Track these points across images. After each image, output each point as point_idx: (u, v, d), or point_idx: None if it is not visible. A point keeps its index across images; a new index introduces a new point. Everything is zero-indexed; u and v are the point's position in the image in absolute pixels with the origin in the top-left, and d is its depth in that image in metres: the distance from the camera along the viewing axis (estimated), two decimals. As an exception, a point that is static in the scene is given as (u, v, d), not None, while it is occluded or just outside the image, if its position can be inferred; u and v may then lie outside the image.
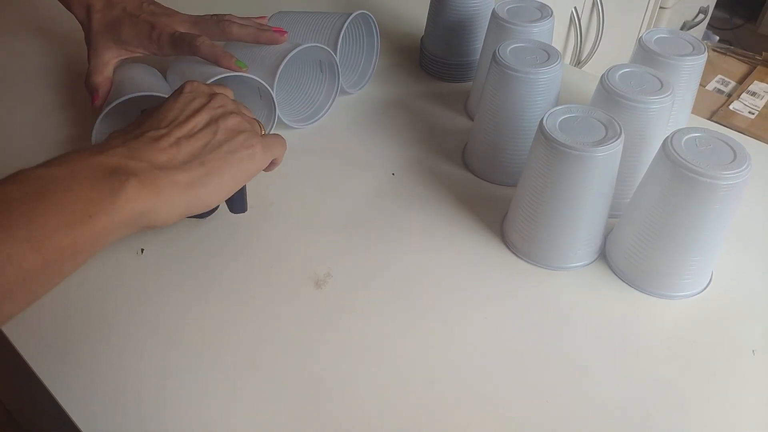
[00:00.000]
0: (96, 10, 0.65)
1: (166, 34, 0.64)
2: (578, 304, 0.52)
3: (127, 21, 0.64)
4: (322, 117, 0.71)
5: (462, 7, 0.72)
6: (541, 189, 0.51)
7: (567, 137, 0.48)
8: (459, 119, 0.72)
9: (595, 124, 0.50)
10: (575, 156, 0.48)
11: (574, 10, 1.22)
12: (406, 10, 0.93)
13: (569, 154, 0.48)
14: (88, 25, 0.66)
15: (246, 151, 0.48)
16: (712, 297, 0.53)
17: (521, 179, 0.54)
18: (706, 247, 0.50)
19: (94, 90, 0.64)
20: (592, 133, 0.49)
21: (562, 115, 0.51)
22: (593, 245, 0.54)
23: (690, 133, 0.48)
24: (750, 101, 1.64)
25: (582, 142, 0.48)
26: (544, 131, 0.49)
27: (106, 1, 0.65)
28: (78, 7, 0.66)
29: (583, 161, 0.48)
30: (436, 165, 0.65)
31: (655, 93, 0.53)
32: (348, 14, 0.69)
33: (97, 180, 0.39)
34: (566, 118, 0.51)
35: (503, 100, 0.58)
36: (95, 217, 0.38)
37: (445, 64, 0.77)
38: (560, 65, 0.57)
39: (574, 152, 0.48)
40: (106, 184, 0.39)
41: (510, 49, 0.59)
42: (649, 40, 0.61)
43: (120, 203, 0.39)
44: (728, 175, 0.45)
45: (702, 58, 0.60)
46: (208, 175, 0.45)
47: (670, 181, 0.47)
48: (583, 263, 0.55)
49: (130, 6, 0.65)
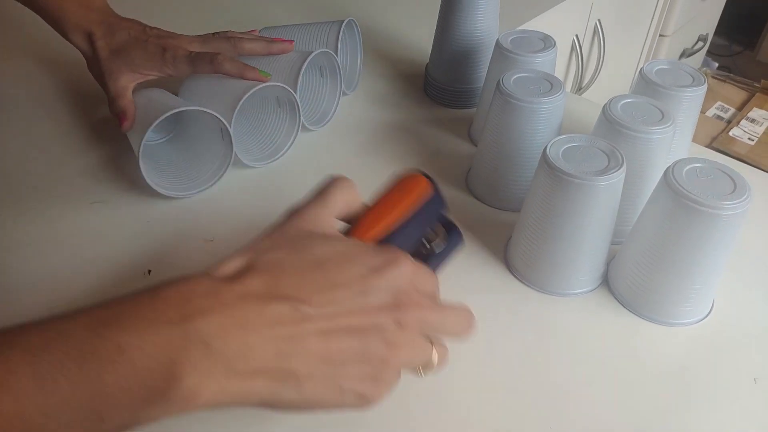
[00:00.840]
0: (98, 37, 0.65)
1: (182, 54, 0.64)
2: (580, 331, 0.53)
3: (135, 45, 0.65)
4: (283, 155, 0.69)
5: (467, 37, 0.73)
6: (543, 216, 0.52)
7: (570, 166, 0.49)
8: (462, 145, 0.73)
9: (597, 154, 0.51)
10: (578, 185, 0.49)
11: (576, 38, 1.23)
12: (411, 36, 0.94)
13: (572, 182, 0.49)
14: (93, 54, 0.66)
15: (371, 389, 0.36)
16: (714, 324, 0.54)
17: (524, 206, 0.55)
18: (707, 275, 0.50)
19: (122, 113, 0.64)
20: (595, 163, 0.50)
21: (565, 144, 0.52)
22: (595, 272, 0.55)
23: (691, 164, 0.49)
24: (749, 128, 1.66)
25: (585, 171, 0.49)
26: (548, 160, 0.50)
27: (107, 28, 0.65)
28: (77, 35, 0.66)
29: (586, 190, 0.49)
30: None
31: (656, 123, 0.54)
32: (309, 53, 0.68)
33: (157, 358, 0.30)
34: (569, 147, 0.52)
35: (506, 128, 0.59)
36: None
37: (449, 91, 0.78)
38: (563, 95, 0.59)
39: (577, 181, 0.49)
40: (162, 372, 0.30)
41: (513, 78, 0.60)
42: (650, 71, 0.63)
43: (172, 401, 0.31)
44: (729, 206, 0.46)
45: (702, 89, 0.61)
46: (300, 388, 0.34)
47: (671, 211, 0.48)
48: (585, 290, 0.55)
49: (133, 31, 0.66)
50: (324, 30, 0.74)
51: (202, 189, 0.64)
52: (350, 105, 0.78)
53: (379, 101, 0.79)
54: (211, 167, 0.65)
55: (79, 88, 0.80)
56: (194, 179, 0.65)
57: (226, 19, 0.98)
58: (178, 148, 0.69)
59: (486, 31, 0.74)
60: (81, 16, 0.66)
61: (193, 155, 0.68)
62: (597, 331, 0.53)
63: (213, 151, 0.65)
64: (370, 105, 0.79)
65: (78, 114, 0.75)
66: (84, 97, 0.78)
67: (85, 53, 0.66)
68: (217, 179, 0.65)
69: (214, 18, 0.98)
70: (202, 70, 0.65)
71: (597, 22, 1.29)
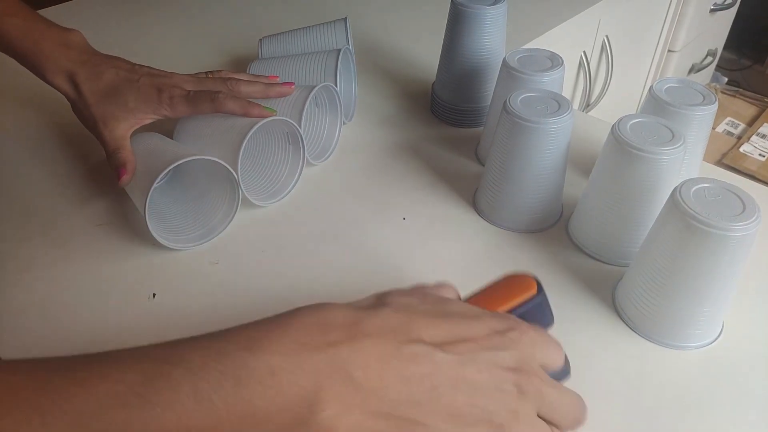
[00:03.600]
0: (83, 79, 0.60)
1: (179, 94, 0.61)
2: (588, 354, 0.52)
3: (127, 87, 0.60)
4: (289, 192, 0.67)
5: (473, 56, 0.73)
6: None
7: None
8: (469, 164, 0.73)
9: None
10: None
11: (583, 54, 1.23)
12: (418, 56, 0.94)
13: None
14: (78, 98, 0.61)
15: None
16: (724, 347, 0.53)
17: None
18: (717, 298, 0.50)
19: (122, 166, 0.59)
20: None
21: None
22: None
23: (699, 184, 0.49)
24: (760, 143, 1.65)
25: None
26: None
27: (91, 69, 0.61)
28: (58, 78, 0.61)
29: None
30: (446, 209, 0.66)
31: (666, 144, 0.54)
32: (311, 87, 0.67)
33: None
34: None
35: (514, 148, 0.59)
36: None
37: (455, 110, 0.78)
38: (571, 115, 0.58)
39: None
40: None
41: (521, 98, 0.59)
42: (660, 90, 0.62)
43: (311, 430, 0.31)
44: (738, 227, 0.45)
45: (713, 107, 0.61)
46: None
47: (679, 232, 0.47)
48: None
49: (121, 71, 0.61)
50: (320, 60, 0.72)
51: (212, 237, 0.62)
52: (356, 126, 0.79)
53: (386, 122, 0.79)
54: (218, 212, 0.62)
55: (67, 132, 0.77)
56: (203, 226, 0.62)
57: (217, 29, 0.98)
58: (179, 192, 0.66)
59: (492, 49, 0.74)
60: (60, 55, 0.61)
61: (197, 199, 0.64)
62: (605, 354, 0.52)
63: (218, 193, 0.63)
64: (376, 126, 0.79)
65: (70, 158, 0.74)
66: (73, 139, 0.77)
67: (69, 96, 0.62)
68: (227, 224, 0.62)
69: (206, 34, 0.99)
70: (203, 110, 0.61)
71: (605, 38, 1.28)
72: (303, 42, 0.79)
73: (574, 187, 0.69)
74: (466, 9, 0.71)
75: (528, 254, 0.60)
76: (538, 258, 0.60)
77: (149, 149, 0.61)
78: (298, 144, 0.67)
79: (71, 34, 0.63)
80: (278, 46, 0.80)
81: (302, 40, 0.79)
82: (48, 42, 0.61)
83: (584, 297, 0.56)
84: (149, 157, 0.60)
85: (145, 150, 0.61)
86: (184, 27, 1.03)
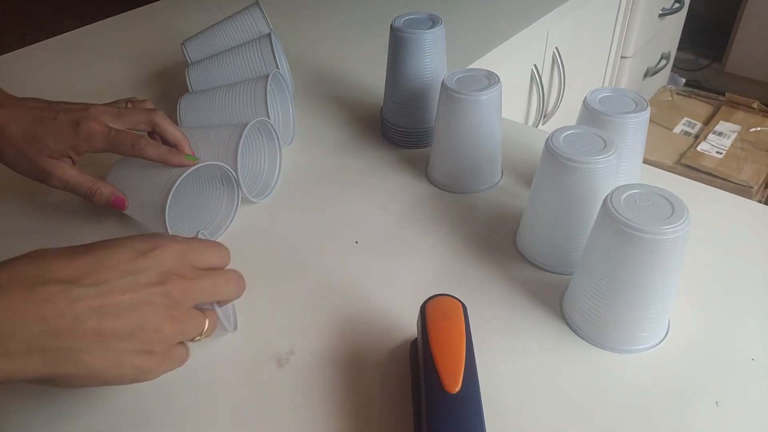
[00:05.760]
0: (1, 126, 0.58)
1: (98, 131, 0.59)
2: (539, 365, 0.53)
3: (44, 127, 0.58)
4: (224, 232, 0.67)
5: (415, 79, 0.75)
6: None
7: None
8: (420, 184, 0.74)
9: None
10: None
11: (534, 67, 1.26)
12: (366, 81, 0.96)
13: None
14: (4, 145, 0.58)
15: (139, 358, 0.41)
16: (672, 348, 0.54)
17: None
18: (659, 300, 0.51)
19: (111, 198, 0.61)
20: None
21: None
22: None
23: (629, 190, 0.50)
24: (717, 141, 1.69)
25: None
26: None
27: (8, 113, 0.58)
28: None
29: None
30: (397, 229, 0.67)
31: (599, 153, 0.55)
32: (243, 125, 0.66)
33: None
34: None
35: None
36: None
37: (403, 132, 0.79)
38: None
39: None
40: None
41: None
42: (594, 100, 0.64)
43: None
44: (668, 230, 0.47)
45: (645, 114, 0.63)
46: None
47: (613, 239, 0.48)
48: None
49: (37, 110, 0.59)
50: (249, 90, 0.71)
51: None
52: (306, 153, 0.79)
53: (337, 147, 0.80)
54: None
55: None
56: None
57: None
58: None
59: (434, 71, 0.75)
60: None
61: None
62: (555, 363, 0.53)
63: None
64: (327, 152, 0.80)
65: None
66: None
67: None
68: None
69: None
70: (123, 153, 0.60)
71: (555, 50, 1.31)
72: (231, 65, 0.78)
73: (522, 200, 0.70)
74: (404, 34, 0.73)
75: (477, 269, 0.61)
76: (487, 272, 0.61)
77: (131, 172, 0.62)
78: (231, 185, 0.66)
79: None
80: (205, 70, 0.79)
81: (229, 62, 0.78)
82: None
83: (533, 307, 0.57)
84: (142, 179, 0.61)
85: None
86: (104, 45, 1.03)
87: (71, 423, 0.49)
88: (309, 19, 1.19)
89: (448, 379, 0.41)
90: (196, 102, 0.75)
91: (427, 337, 0.44)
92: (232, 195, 0.67)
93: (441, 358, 0.42)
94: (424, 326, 0.45)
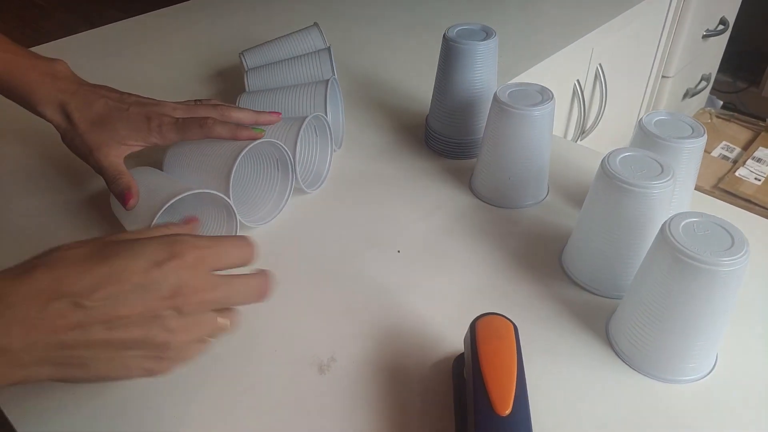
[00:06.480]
0: (73, 109, 0.61)
1: (168, 121, 0.62)
2: (582, 387, 0.52)
3: (117, 116, 0.61)
4: (276, 217, 0.69)
5: (466, 90, 0.74)
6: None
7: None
8: (462, 196, 0.73)
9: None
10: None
11: (577, 83, 1.24)
12: (411, 89, 0.95)
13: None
14: (70, 127, 0.61)
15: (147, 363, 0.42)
16: (718, 380, 0.53)
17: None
18: (710, 331, 0.50)
19: (126, 190, 0.60)
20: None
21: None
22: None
23: (688, 218, 0.49)
24: (756, 167, 1.66)
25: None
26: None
27: (82, 98, 0.61)
28: (49, 108, 0.61)
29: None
30: (440, 240, 0.66)
31: (656, 177, 0.54)
32: (304, 116, 0.68)
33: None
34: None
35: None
36: None
37: (449, 143, 0.78)
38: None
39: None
40: None
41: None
42: (649, 123, 0.63)
43: None
44: (727, 262, 0.46)
45: (701, 140, 0.62)
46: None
47: (669, 267, 0.47)
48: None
49: (111, 100, 0.62)
50: (309, 92, 0.74)
51: None
52: (351, 158, 0.79)
53: (380, 154, 0.80)
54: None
55: (57, 163, 0.78)
56: None
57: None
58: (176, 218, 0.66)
59: (485, 83, 0.75)
60: (49, 86, 0.61)
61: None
62: (600, 389, 0.52)
63: (215, 221, 0.64)
64: (370, 158, 0.80)
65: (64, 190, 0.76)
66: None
67: (59, 126, 0.62)
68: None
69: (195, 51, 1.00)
70: (192, 137, 0.62)
71: (598, 66, 1.30)
72: (288, 72, 0.81)
73: (567, 218, 0.69)
74: (458, 45, 0.72)
75: (520, 286, 0.61)
76: (531, 290, 0.60)
77: (145, 186, 0.61)
78: (287, 170, 0.68)
79: (57, 65, 0.63)
80: (264, 75, 0.82)
81: (287, 70, 0.81)
82: (35, 73, 0.62)
83: (578, 330, 0.56)
84: (146, 195, 0.60)
85: (141, 188, 0.61)
86: (166, 48, 1.04)
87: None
88: (355, 25, 1.19)
89: (498, 401, 0.40)
90: (254, 100, 0.76)
91: (477, 356, 0.43)
92: (286, 182, 0.69)
93: (491, 378, 0.42)
94: (474, 345, 0.44)
